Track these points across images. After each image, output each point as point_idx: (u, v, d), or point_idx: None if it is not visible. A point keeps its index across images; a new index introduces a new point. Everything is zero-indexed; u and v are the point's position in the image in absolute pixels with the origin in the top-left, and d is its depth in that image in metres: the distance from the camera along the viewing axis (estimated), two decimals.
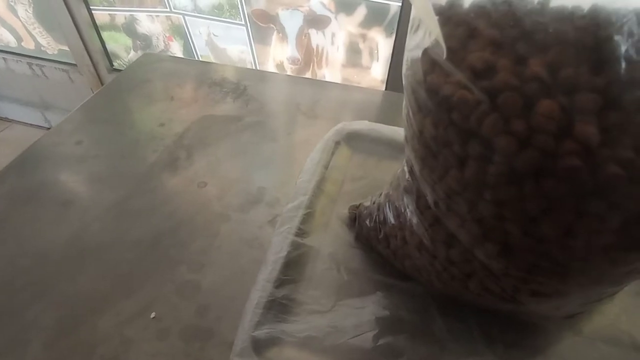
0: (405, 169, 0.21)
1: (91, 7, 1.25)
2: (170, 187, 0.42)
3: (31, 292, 0.33)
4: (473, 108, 0.14)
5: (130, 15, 1.27)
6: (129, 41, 1.34)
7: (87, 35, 1.28)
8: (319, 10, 1.08)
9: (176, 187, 0.42)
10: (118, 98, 0.55)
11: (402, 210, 0.21)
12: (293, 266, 0.24)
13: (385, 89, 1.13)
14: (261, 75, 0.64)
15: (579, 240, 0.14)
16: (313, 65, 1.24)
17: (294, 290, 0.22)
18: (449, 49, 0.14)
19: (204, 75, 0.61)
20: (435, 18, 0.14)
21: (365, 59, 1.16)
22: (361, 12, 1.06)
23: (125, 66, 1.38)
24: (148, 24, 1.29)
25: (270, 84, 0.61)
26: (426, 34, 0.15)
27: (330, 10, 1.08)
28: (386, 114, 0.55)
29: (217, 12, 1.20)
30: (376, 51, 1.14)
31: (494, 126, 0.13)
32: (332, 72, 1.24)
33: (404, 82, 0.18)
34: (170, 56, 1.08)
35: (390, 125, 0.35)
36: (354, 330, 0.20)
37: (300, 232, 0.25)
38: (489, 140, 0.14)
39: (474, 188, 0.15)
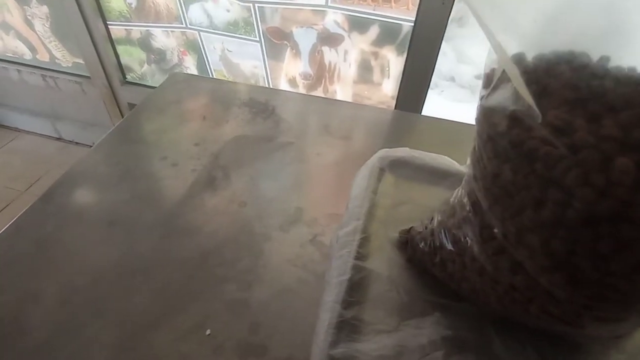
0: (465, 200, 0.23)
1: (108, 22, 1.28)
2: (211, 207, 0.44)
3: (90, 310, 0.34)
4: (557, 162, 0.16)
5: (146, 30, 1.30)
6: (143, 55, 1.37)
7: (102, 49, 1.31)
8: (333, 28, 1.12)
9: (217, 206, 0.44)
10: (150, 118, 0.57)
11: (461, 238, 0.23)
12: (356, 288, 0.26)
13: (395, 107, 1.16)
14: (288, 96, 0.67)
15: None
16: (325, 81, 1.27)
17: (360, 311, 0.24)
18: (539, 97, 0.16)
19: (232, 95, 0.63)
20: (526, 89, 0.16)
21: (376, 75, 1.19)
22: (374, 31, 1.09)
23: (138, 78, 1.41)
24: (163, 38, 1.32)
25: (297, 104, 0.64)
26: (513, 94, 0.17)
27: (343, 29, 1.11)
28: (418, 136, 0.57)
29: (232, 28, 1.23)
30: (387, 69, 1.17)
31: (577, 179, 0.15)
32: (343, 88, 1.27)
33: (477, 129, 0.20)
34: (197, 76, 1.11)
35: (422, 149, 0.37)
36: (422, 350, 0.22)
37: (360, 256, 0.27)
38: (570, 189, 0.16)
39: (550, 228, 0.17)
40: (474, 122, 0.21)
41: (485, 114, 0.19)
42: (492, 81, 0.18)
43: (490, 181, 0.19)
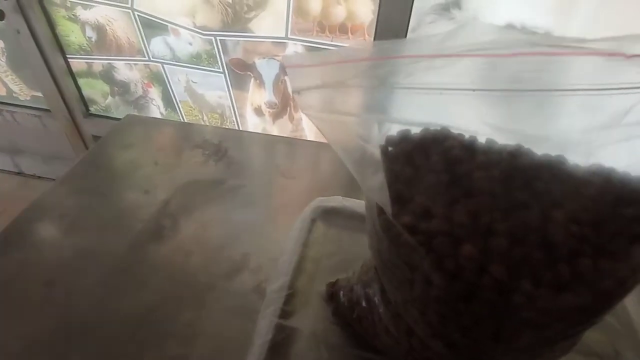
0: (373, 263, 0.24)
1: (68, 56, 1.27)
2: (157, 259, 0.44)
3: None
4: (414, 250, 0.18)
5: (108, 63, 1.30)
6: (106, 87, 1.36)
7: (62, 83, 1.30)
8: None
9: (163, 258, 0.44)
10: (102, 165, 0.57)
11: (372, 296, 0.25)
12: (277, 349, 0.27)
13: None
14: (241, 136, 0.68)
15: (501, 342, 0.18)
16: (290, 109, 1.30)
17: None
18: (397, 192, 0.18)
19: (185, 137, 0.64)
20: (386, 191, 0.18)
21: None
22: None
23: (102, 110, 1.39)
24: (126, 71, 1.32)
25: (250, 144, 0.65)
26: (377, 189, 0.19)
27: None
28: None
29: (195, 60, 1.25)
30: None
31: (431, 264, 0.17)
32: None
33: (365, 205, 0.22)
34: (152, 118, 1.11)
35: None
36: None
37: (284, 314, 0.28)
38: (427, 273, 0.18)
39: (422, 302, 0.19)
40: None
41: (365, 193, 0.21)
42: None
43: (376, 255, 0.21)
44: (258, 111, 1.32)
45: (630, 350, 0.30)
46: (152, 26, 1.16)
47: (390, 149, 0.21)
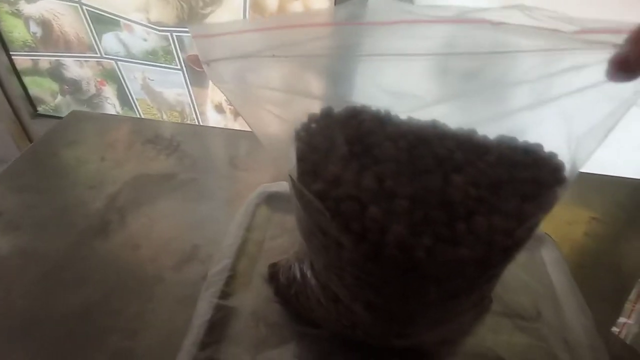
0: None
1: (11, 53, 1.20)
2: (102, 254, 0.43)
3: None
4: (322, 215, 0.19)
5: (56, 60, 1.24)
6: (55, 86, 1.30)
7: (6, 81, 1.23)
8: None
9: (108, 253, 0.43)
10: (43, 162, 0.55)
11: (305, 271, 0.26)
12: (216, 328, 0.27)
13: None
14: (194, 130, 0.67)
15: (410, 298, 0.20)
16: None
17: (216, 351, 0.26)
18: (312, 162, 0.19)
19: (137, 132, 0.63)
20: (294, 156, 0.19)
21: None
22: None
23: (52, 110, 1.33)
24: (76, 68, 1.26)
25: (203, 138, 0.64)
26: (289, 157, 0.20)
27: None
28: None
29: (151, 57, 1.21)
30: None
31: (338, 229, 0.18)
32: None
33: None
34: (102, 113, 1.07)
35: None
36: None
37: (224, 294, 0.29)
38: (336, 237, 0.19)
39: (337, 265, 0.20)
40: None
41: (280, 167, 0.21)
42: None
43: (298, 224, 0.22)
44: (219, 108, 1.31)
45: (551, 309, 0.32)
46: (102, 21, 1.12)
47: (312, 125, 0.22)
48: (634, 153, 0.78)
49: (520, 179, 0.20)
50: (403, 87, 0.20)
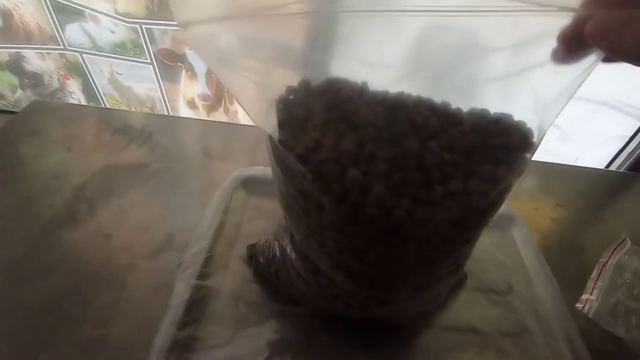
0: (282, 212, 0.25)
1: None
2: (70, 244, 0.41)
3: None
4: (303, 177, 0.19)
5: (16, 52, 1.17)
6: (14, 79, 1.23)
7: None
8: None
9: (77, 243, 0.41)
10: (3, 152, 0.52)
11: (285, 247, 0.26)
12: (195, 307, 0.27)
13: None
14: (166, 120, 0.66)
15: (391, 262, 0.20)
16: (225, 102, 1.27)
17: (195, 330, 0.25)
18: (291, 129, 0.19)
19: (105, 122, 0.60)
20: (275, 119, 0.19)
21: None
22: None
23: (11, 106, 1.25)
24: (38, 61, 1.20)
25: (175, 128, 0.63)
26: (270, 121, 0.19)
27: None
28: None
29: (119, 50, 1.17)
30: None
31: (319, 189, 0.18)
32: None
33: (267, 148, 0.23)
34: (66, 103, 1.02)
35: None
36: (250, 356, 0.24)
37: (202, 275, 0.28)
38: (317, 198, 0.19)
39: (318, 231, 0.20)
40: None
41: (266, 134, 0.21)
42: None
43: (279, 195, 0.22)
44: (191, 104, 1.28)
45: (522, 284, 0.34)
46: (66, 11, 1.07)
47: (290, 97, 0.22)
48: (593, 146, 0.83)
49: (493, 145, 0.20)
50: (379, 58, 0.20)
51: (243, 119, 1.28)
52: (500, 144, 0.20)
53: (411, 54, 0.21)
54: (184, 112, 1.27)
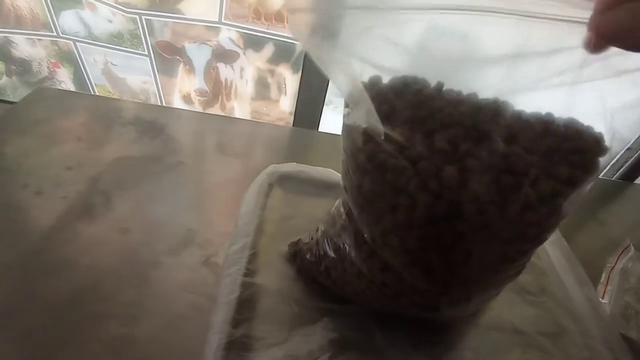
0: (342, 210, 0.25)
1: None
2: (87, 237, 0.39)
3: None
4: (401, 172, 0.18)
5: (5, 37, 1.12)
6: (1, 66, 1.17)
7: None
8: (228, 45, 1.11)
9: (95, 236, 0.39)
10: (8, 140, 0.49)
11: (340, 246, 0.25)
12: (246, 305, 0.26)
13: (293, 123, 1.20)
14: (179, 114, 0.64)
15: (474, 260, 0.20)
16: (222, 98, 1.25)
17: (250, 328, 0.24)
18: (390, 124, 0.19)
19: (114, 113, 0.58)
20: (373, 111, 0.18)
21: (273, 92, 1.21)
22: (269, 49, 1.11)
23: None
24: (27, 47, 1.15)
25: (189, 122, 0.61)
26: (366, 113, 0.19)
27: (238, 46, 1.11)
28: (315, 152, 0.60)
29: (116, 40, 1.13)
30: (284, 86, 1.20)
31: (417, 185, 0.18)
32: (241, 104, 1.26)
33: (342, 144, 0.22)
34: (71, 91, 0.98)
35: (311, 165, 0.39)
36: (310, 356, 0.23)
37: (248, 272, 0.27)
38: (413, 195, 0.18)
39: (404, 229, 0.20)
40: None
41: (347, 131, 0.21)
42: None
43: (356, 192, 0.21)
44: (187, 99, 1.25)
45: (554, 284, 0.34)
46: None
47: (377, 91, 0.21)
48: None
49: (566, 149, 0.21)
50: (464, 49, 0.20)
51: (239, 117, 1.26)
52: (574, 147, 0.21)
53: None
54: (179, 106, 1.24)
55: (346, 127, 0.21)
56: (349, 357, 0.23)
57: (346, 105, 0.22)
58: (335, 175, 0.37)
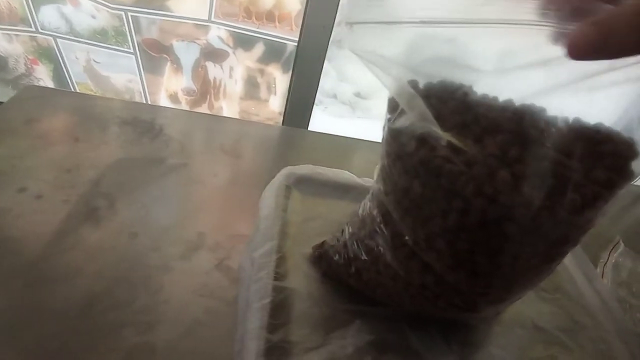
0: (375, 213, 0.25)
1: None
2: (92, 243, 0.38)
3: None
4: (457, 177, 0.19)
5: None
6: None
7: None
8: (217, 44, 1.09)
9: (101, 241, 0.38)
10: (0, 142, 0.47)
11: (373, 248, 0.25)
12: (280, 310, 0.25)
13: (283, 122, 1.19)
14: (175, 114, 0.62)
15: (521, 262, 0.20)
16: (210, 97, 1.23)
17: (287, 333, 0.24)
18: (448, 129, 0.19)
19: (108, 112, 0.56)
20: (430, 115, 0.18)
21: (263, 92, 1.20)
22: (259, 48, 1.10)
23: None
24: (3, 43, 1.10)
25: (186, 122, 0.60)
26: (418, 119, 0.19)
27: (228, 45, 1.10)
28: (306, 151, 0.59)
29: (99, 37, 1.09)
30: (274, 86, 1.19)
31: (473, 190, 0.18)
32: (229, 104, 1.24)
33: (385, 148, 0.22)
34: (62, 90, 0.94)
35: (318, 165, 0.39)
36: (351, 358, 0.23)
37: (278, 276, 0.27)
38: (468, 199, 0.19)
39: (454, 232, 0.20)
40: (355, 136, 0.23)
41: (394, 135, 0.21)
42: (397, 107, 0.21)
43: (401, 195, 0.21)
44: (173, 98, 1.22)
45: (565, 281, 0.36)
46: None
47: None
48: None
49: (600, 152, 0.21)
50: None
51: (227, 115, 1.24)
52: (608, 150, 0.21)
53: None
54: (165, 105, 1.21)
55: (392, 132, 0.21)
56: (390, 358, 0.23)
57: (390, 111, 0.22)
58: (351, 177, 0.37)
